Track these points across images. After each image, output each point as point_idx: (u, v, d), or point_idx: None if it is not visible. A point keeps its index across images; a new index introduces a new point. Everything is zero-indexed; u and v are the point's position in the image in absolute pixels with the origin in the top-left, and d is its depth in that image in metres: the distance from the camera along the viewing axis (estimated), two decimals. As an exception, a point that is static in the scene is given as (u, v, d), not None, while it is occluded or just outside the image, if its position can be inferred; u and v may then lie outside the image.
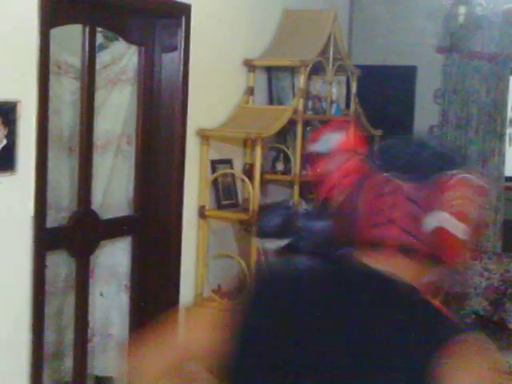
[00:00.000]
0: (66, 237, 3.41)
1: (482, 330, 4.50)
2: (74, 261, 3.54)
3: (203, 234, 4.03)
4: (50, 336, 3.58)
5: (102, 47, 3.86)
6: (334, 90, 4.78)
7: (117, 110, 3.81)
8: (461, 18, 5.01)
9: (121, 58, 3.81)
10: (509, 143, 6.58)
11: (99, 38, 3.69)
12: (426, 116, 5.93)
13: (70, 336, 3.69)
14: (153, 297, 3.89)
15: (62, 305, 3.80)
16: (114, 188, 3.87)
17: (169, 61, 3.81)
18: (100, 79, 3.64)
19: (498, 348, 1.34)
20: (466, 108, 5.72)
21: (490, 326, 4.84)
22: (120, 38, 3.77)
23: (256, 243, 3.98)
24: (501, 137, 5.74)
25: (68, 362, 3.75)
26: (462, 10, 5.06)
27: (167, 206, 3.84)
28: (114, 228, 3.81)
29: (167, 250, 3.86)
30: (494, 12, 5.15)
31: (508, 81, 5.71)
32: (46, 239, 3.08)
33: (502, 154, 5.75)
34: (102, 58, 3.73)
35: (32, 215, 2.99)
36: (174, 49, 3.78)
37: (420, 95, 5.90)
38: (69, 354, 3.71)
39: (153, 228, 3.86)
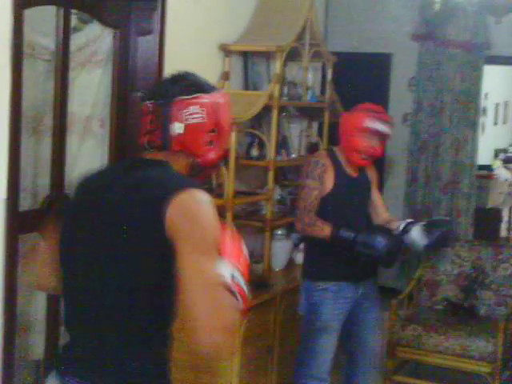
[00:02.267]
0: (39, 220, 3.38)
1: (453, 316, 4.54)
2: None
3: (177, 219, 4.01)
4: (21, 314, 3.54)
5: (77, 29, 3.81)
6: (309, 76, 4.77)
7: (86, 92, 3.77)
8: (436, 6, 5.02)
9: (95, 41, 3.76)
10: (481, 132, 6.63)
11: (73, 20, 3.64)
12: (400, 103, 5.96)
13: (42, 313, 3.66)
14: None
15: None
16: (87, 171, 3.82)
17: (144, 44, 3.78)
18: (74, 61, 3.60)
19: (469, 334, 1.38)
20: (440, 96, 5.76)
21: (461, 312, 4.89)
22: (95, 21, 3.73)
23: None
24: (474, 125, 5.79)
25: (40, 338, 3.71)
26: (438, -2, 5.08)
27: (141, 190, 3.81)
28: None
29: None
30: (469, 1, 5.18)
31: (482, 69, 5.75)
32: (18, 222, 3.05)
33: (474, 143, 5.80)
34: (76, 40, 3.68)
35: (4, 198, 2.96)
36: (150, 32, 3.75)
37: (395, 83, 5.93)
38: (40, 331, 3.67)
39: (126, 212, 3.83)
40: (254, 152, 4.45)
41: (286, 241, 4.74)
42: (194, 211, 1.81)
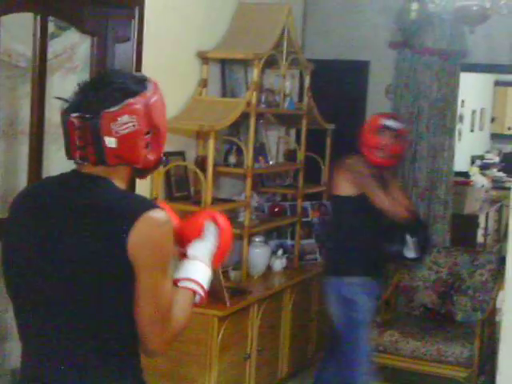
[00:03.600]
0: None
1: (430, 321, 4.57)
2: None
3: (155, 226, 4.01)
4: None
5: (54, 36, 3.81)
6: (287, 83, 4.80)
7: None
8: (413, 15, 5.06)
9: (72, 48, 3.76)
10: (458, 138, 6.68)
11: (51, 27, 3.63)
12: (377, 111, 5.98)
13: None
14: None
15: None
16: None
17: (121, 51, 3.78)
18: (50, 68, 3.59)
19: (446, 339, 1.41)
20: (416, 103, 5.79)
21: (438, 318, 4.92)
22: (72, 28, 3.72)
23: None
24: (450, 132, 5.83)
25: (16, 347, 3.68)
26: (415, 6, 5.11)
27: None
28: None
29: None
30: (445, 9, 5.22)
31: (458, 77, 5.79)
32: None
33: (451, 149, 5.84)
34: (53, 46, 3.67)
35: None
36: (127, 39, 3.76)
37: (372, 90, 5.96)
38: (17, 339, 3.64)
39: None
40: (232, 159, 4.46)
41: (264, 247, 4.75)
42: (154, 238, 1.77)
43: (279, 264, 4.83)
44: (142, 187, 3.91)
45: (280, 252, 4.89)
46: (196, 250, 2.01)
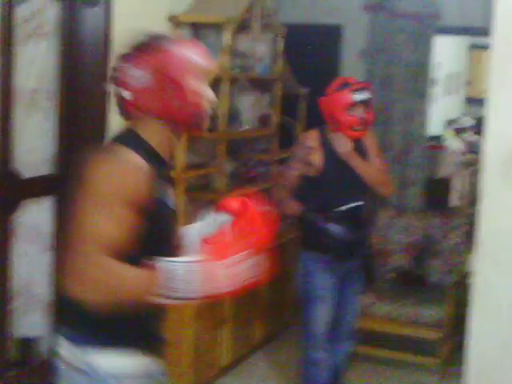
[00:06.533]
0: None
1: (404, 284, 4.59)
2: (-5, 220, 3.47)
3: (128, 193, 3.99)
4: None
5: (21, 1, 3.74)
6: (260, 47, 4.76)
7: (31, 65, 3.71)
8: (386, -23, 5.04)
9: (40, 13, 3.70)
10: (433, 102, 6.69)
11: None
12: (351, 75, 5.89)
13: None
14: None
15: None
16: (35, 146, 3.79)
17: (91, 15, 3.72)
18: (18, 34, 3.53)
19: (419, 302, 1.40)
20: (390, 67, 5.78)
21: (412, 280, 4.98)
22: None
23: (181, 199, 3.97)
24: (424, 96, 5.83)
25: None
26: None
27: (90, 164, 3.78)
28: (35, 187, 3.74)
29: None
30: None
31: (432, 40, 5.78)
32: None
33: (424, 114, 5.85)
34: (20, 12, 3.61)
35: None
36: (96, 3, 3.69)
37: (346, 54, 5.94)
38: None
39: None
40: (205, 124, 4.43)
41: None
42: (97, 167, 1.83)
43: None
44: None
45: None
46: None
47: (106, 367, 1.91)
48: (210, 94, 2.01)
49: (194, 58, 1.96)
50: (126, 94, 1.92)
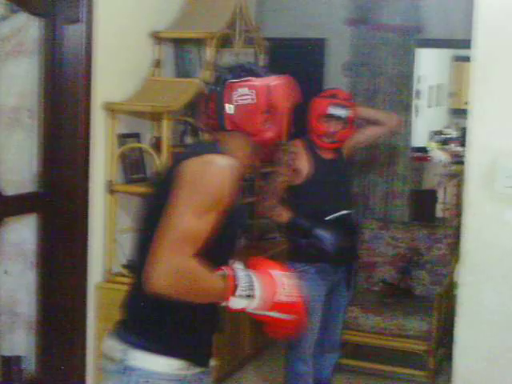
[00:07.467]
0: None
1: (389, 296, 4.54)
2: (-23, 239, 3.45)
3: (111, 209, 3.98)
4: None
5: (2, 18, 3.73)
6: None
7: (13, 82, 3.69)
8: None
9: (21, 30, 3.69)
10: (415, 114, 6.72)
11: (1, 10, 3.57)
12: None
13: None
14: (61, 274, 3.83)
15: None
16: (17, 163, 3.76)
17: (72, 33, 3.72)
18: (1, 52, 3.53)
19: (405, 314, 1.42)
20: (374, 80, 5.81)
21: (398, 292, 4.97)
22: (21, 10, 3.65)
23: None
24: (407, 108, 5.86)
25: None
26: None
27: (73, 181, 3.77)
28: (18, 205, 3.72)
29: (74, 226, 3.80)
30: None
31: (414, 53, 5.81)
32: None
33: (408, 125, 5.88)
34: (1, 29, 3.60)
35: None
36: (77, 20, 3.69)
37: (329, 68, 5.96)
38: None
39: (59, 204, 3.79)
40: (188, 139, 4.43)
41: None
42: (192, 170, 1.93)
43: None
44: (97, 170, 3.88)
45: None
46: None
47: (149, 368, 2.01)
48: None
49: (291, 92, 2.19)
50: (228, 108, 2.09)
